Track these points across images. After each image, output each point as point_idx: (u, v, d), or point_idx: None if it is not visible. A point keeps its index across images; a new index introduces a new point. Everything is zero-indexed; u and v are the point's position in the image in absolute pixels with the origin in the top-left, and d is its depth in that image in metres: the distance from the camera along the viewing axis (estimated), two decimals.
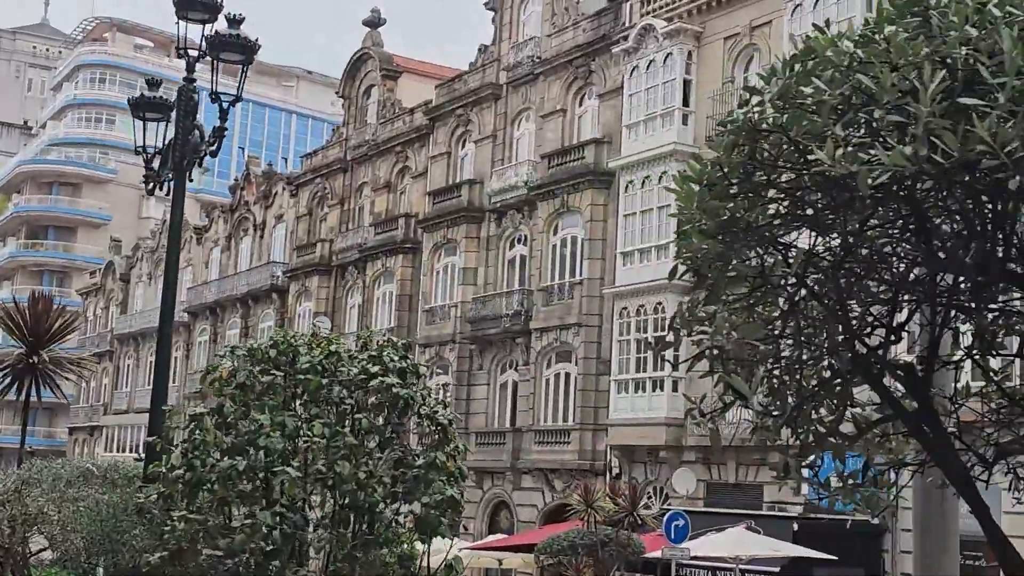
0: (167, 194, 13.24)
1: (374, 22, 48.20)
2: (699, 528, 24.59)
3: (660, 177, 30.69)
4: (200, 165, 13.40)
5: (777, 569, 24.97)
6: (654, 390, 30.16)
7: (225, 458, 7.98)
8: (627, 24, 34.23)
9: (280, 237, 51.88)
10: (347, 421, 8.76)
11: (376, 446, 8.54)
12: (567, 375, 33.84)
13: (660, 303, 29.66)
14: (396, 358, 8.91)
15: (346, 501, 8.20)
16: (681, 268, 5.34)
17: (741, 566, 24.33)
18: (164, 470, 8.21)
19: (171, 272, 13.00)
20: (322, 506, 8.69)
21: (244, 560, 7.99)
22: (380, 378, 8.47)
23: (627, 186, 32.12)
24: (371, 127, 46.98)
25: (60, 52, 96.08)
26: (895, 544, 27.50)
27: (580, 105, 36.89)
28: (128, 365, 61.57)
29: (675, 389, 29.15)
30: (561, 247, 35.13)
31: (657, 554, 25.50)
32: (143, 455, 13.56)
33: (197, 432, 8.24)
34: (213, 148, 12.69)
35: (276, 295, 49.37)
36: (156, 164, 13.13)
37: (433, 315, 39.33)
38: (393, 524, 8.83)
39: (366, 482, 7.96)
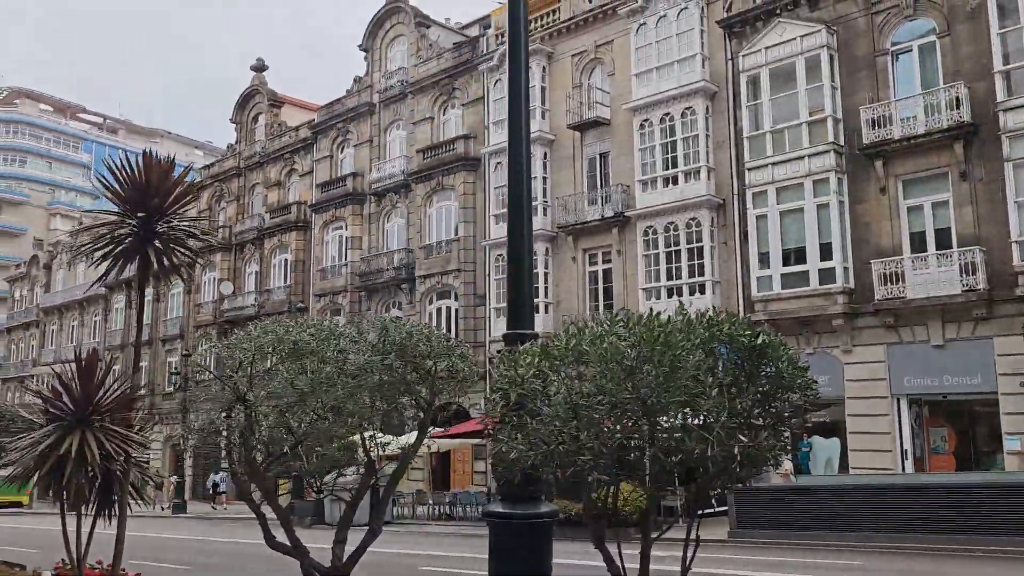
0: None
1: (259, 67, 56.27)
2: None
3: None
4: None
5: None
6: None
7: None
8: (486, 51, 40.54)
9: None
10: None
11: None
12: (448, 308, 39.49)
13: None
14: None
15: None
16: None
17: None
18: None
19: None
20: None
21: None
22: None
23: (496, 166, 38.16)
24: (260, 142, 54.00)
25: None
26: None
27: (444, 114, 43.07)
28: (52, 330, 73.50)
29: (547, 311, 35.28)
30: (436, 216, 40.72)
31: None
32: None
33: None
34: None
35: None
36: None
37: (326, 273, 45.01)
38: None
39: None
